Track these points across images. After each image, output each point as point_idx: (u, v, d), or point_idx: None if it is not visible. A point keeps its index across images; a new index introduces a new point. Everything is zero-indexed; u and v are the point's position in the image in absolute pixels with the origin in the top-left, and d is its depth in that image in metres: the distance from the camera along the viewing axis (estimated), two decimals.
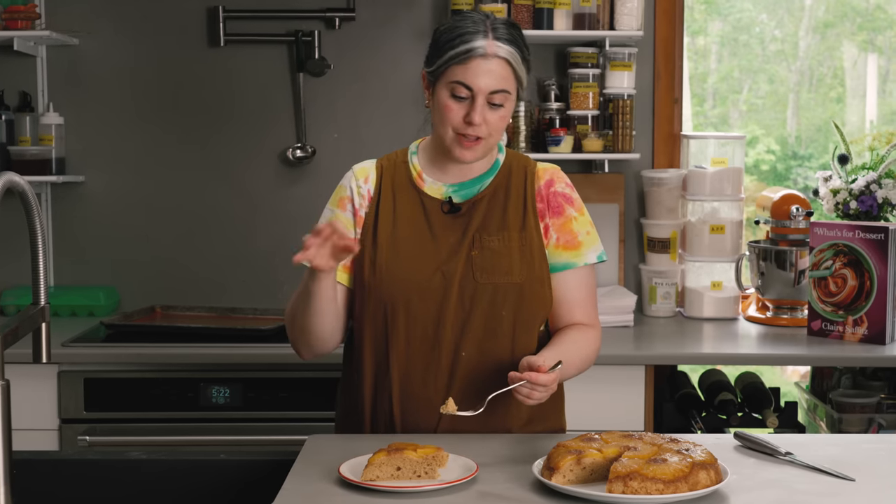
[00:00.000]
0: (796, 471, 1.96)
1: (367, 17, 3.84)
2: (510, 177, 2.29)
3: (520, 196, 2.27)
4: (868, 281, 3.34)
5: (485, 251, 2.21)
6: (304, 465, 2.03)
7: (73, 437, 3.23)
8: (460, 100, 2.18)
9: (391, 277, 2.21)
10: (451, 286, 2.20)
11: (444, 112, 2.19)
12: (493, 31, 2.18)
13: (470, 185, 2.27)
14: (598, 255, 2.30)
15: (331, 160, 3.84)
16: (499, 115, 2.19)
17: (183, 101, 3.89)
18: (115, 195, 3.90)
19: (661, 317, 3.79)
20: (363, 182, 2.29)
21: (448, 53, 2.18)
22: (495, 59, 2.17)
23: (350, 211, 2.29)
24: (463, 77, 2.16)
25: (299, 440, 2.23)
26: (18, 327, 1.75)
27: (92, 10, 3.85)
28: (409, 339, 2.21)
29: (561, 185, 2.30)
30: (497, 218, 2.24)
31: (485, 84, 2.16)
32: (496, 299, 2.21)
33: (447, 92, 2.18)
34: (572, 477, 1.85)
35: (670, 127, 3.94)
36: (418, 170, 2.29)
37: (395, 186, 2.28)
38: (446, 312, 2.20)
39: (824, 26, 5.99)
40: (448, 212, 2.25)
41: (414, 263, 2.22)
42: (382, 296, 2.22)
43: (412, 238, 2.24)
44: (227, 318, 3.65)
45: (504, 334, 2.22)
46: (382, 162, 2.32)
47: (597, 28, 3.68)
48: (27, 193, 1.81)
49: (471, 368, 2.21)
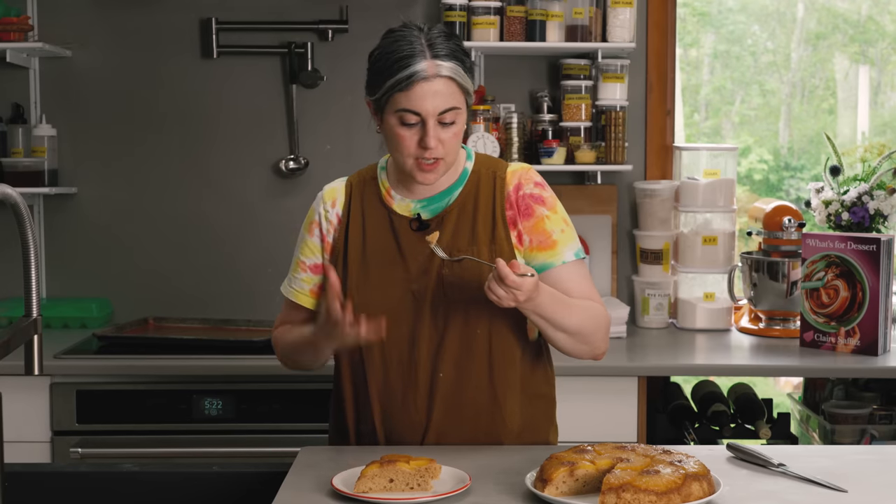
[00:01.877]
0: (789, 482, 1.96)
1: (360, 29, 3.84)
2: (479, 186, 2.23)
3: (488, 207, 2.21)
4: (860, 292, 3.34)
5: (455, 268, 2.17)
6: (296, 477, 2.02)
7: (66, 449, 3.21)
8: (410, 126, 2.12)
9: (362, 301, 2.18)
10: (423, 307, 2.18)
11: (397, 141, 2.14)
12: (431, 48, 2.10)
13: (438, 199, 2.23)
14: (574, 253, 2.22)
15: (324, 172, 3.84)
16: (452, 132, 2.14)
17: (176, 113, 3.89)
18: (108, 207, 3.90)
19: (654, 328, 3.79)
20: (331, 206, 2.28)
21: (388, 82, 2.11)
22: (438, 80, 2.09)
23: (318, 236, 2.29)
24: (408, 104, 2.10)
25: (292, 452, 2.22)
26: (10, 339, 1.75)
27: (85, 22, 3.85)
28: (385, 362, 2.20)
29: (529, 186, 2.23)
30: (466, 233, 2.20)
31: (432, 107, 2.10)
32: (470, 316, 2.18)
33: (396, 120, 2.13)
34: (565, 489, 1.85)
35: (663, 138, 3.95)
36: (387, 187, 2.26)
37: (365, 206, 2.26)
38: (420, 333, 2.18)
39: (816, 38, 6.01)
40: (417, 229, 2.21)
41: (383, 286, 2.19)
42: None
43: (381, 260, 2.21)
44: (219, 330, 3.65)
45: (480, 351, 2.19)
46: (352, 180, 2.30)
47: (589, 40, 3.69)
48: (19, 205, 1.80)
49: (450, 388, 2.19)
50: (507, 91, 3.84)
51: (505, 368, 2.21)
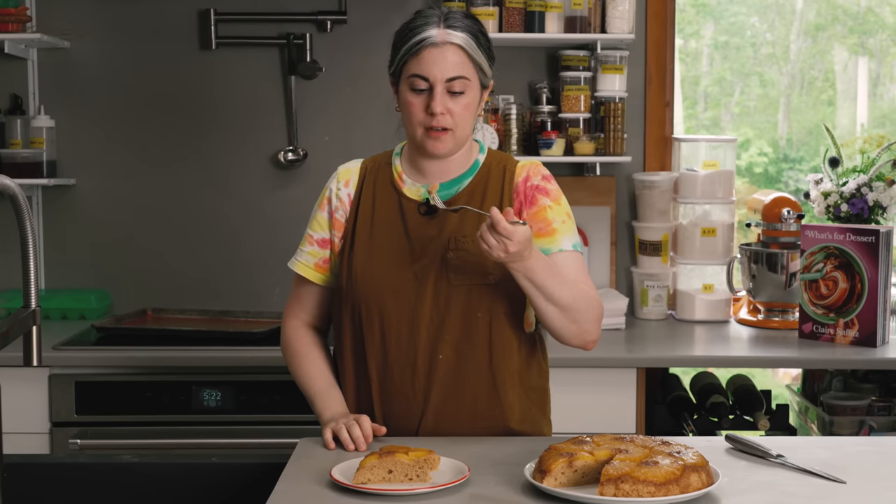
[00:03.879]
0: (787, 473, 1.97)
1: (359, 21, 3.84)
2: (489, 177, 2.28)
3: (496, 196, 2.25)
4: (859, 283, 3.35)
5: (460, 252, 2.20)
6: (295, 468, 2.02)
7: (65, 440, 3.22)
8: (420, 93, 2.18)
9: (364, 278, 2.23)
10: (425, 287, 2.20)
11: (407, 109, 2.21)
12: (446, 20, 2.19)
13: (448, 185, 2.27)
14: (573, 244, 2.25)
15: (322, 163, 3.84)
16: (462, 103, 2.19)
17: (174, 104, 3.88)
18: (107, 198, 3.89)
19: (653, 319, 3.79)
20: (343, 186, 2.32)
21: (401, 49, 2.20)
22: (448, 46, 2.17)
23: (327, 212, 2.33)
24: (417, 69, 2.17)
25: (291, 443, 2.23)
26: (9, 330, 1.75)
27: (83, 13, 3.85)
28: (384, 341, 2.22)
29: (537, 178, 2.27)
30: (474, 219, 2.23)
31: (440, 72, 2.16)
32: (471, 301, 2.20)
33: (407, 88, 2.20)
34: (564, 480, 1.85)
35: (662, 130, 3.94)
36: (399, 171, 2.30)
37: (377, 188, 2.30)
38: (420, 314, 2.20)
39: (815, 29, 6.01)
40: (425, 213, 2.25)
41: (387, 265, 2.23)
42: (357, 297, 2.24)
43: (388, 240, 2.24)
44: (218, 321, 3.65)
45: (481, 336, 2.21)
46: (367, 163, 2.35)
47: (588, 31, 3.69)
48: (18, 196, 1.80)
49: (449, 371, 2.21)
50: (506, 82, 3.84)
51: (504, 355, 2.22)
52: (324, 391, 2.29)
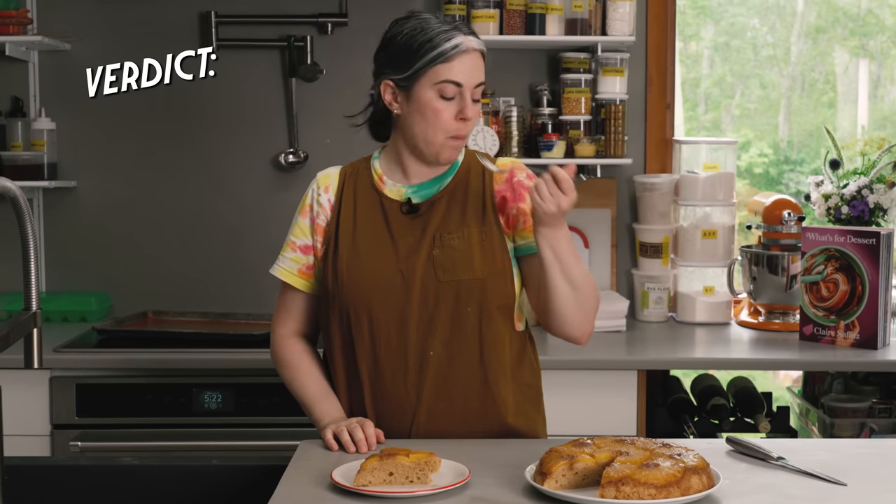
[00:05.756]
0: (788, 475, 1.97)
1: (360, 23, 3.84)
2: (469, 175, 2.29)
3: (478, 192, 2.26)
4: (860, 286, 3.34)
5: (445, 249, 2.21)
6: (296, 470, 2.02)
7: (65, 442, 3.22)
8: (449, 99, 2.18)
9: (351, 280, 2.23)
10: (412, 286, 2.20)
11: (433, 115, 2.19)
12: (463, 28, 2.22)
13: (429, 185, 2.28)
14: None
15: (323, 165, 3.76)
16: (478, 109, 2.23)
17: (175, 107, 3.89)
18: (107, 200, 3.90)
19: (654, 322, 3.79)
20: (323, 191, 2.33)
21: (431, 53, 2.17)
22: (475, 53, 2.21)
23: (309, 219, 2.34)
24: (450, 75, 2.17)
25: (291, 445, 2.22)
26: (10, 333, 1.75)
27: (84, 16, 3.85)
28: (374, 342, 2.22)
29: (522, 175, 2.29)
30: (457, 215, 2.24)
31: (473, 78, 2.19)
32: (460, 296, 2.20)
33: (433, 94, 2.18)
34: (564, 482, 1.85)
35: (662, 132, 3.94)
36: (379, 173, 2.31)
37: (357, 191, 2.31)
38: (409, 313, 2.20)
39: (816, 31, 6.00)
40: (407, 212, 2.26)
41: (373, 265, 2.23)
42: (344, 300, 2.24)
43: (371, 241, 2.25)
44: (219, 324, 3.65)
45: (471, 332, 2.21)
46: (346, 169, 2.36)
47: (589, 33, 3.69)
48: (19, 199, 1.80)
49: (440, 367, 2.21)
50: (506, 84, 3.84)
51: (496, 350, 2.23)
52: (321, 399, 2.29)
